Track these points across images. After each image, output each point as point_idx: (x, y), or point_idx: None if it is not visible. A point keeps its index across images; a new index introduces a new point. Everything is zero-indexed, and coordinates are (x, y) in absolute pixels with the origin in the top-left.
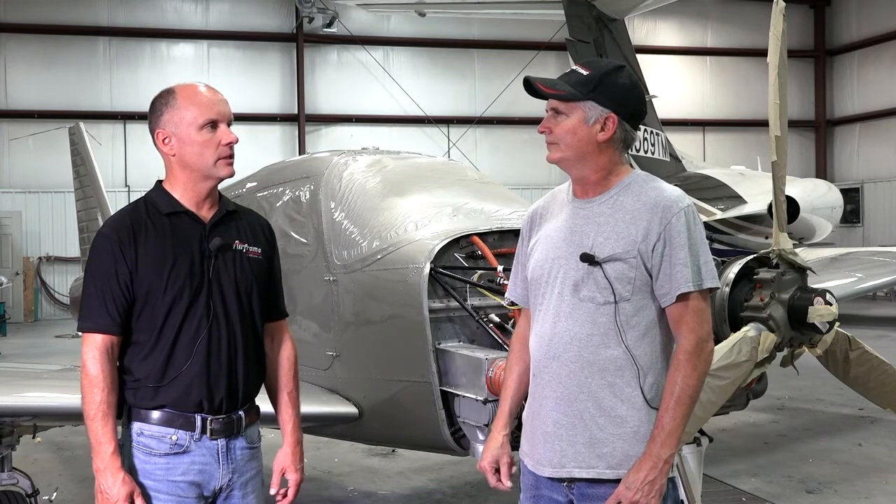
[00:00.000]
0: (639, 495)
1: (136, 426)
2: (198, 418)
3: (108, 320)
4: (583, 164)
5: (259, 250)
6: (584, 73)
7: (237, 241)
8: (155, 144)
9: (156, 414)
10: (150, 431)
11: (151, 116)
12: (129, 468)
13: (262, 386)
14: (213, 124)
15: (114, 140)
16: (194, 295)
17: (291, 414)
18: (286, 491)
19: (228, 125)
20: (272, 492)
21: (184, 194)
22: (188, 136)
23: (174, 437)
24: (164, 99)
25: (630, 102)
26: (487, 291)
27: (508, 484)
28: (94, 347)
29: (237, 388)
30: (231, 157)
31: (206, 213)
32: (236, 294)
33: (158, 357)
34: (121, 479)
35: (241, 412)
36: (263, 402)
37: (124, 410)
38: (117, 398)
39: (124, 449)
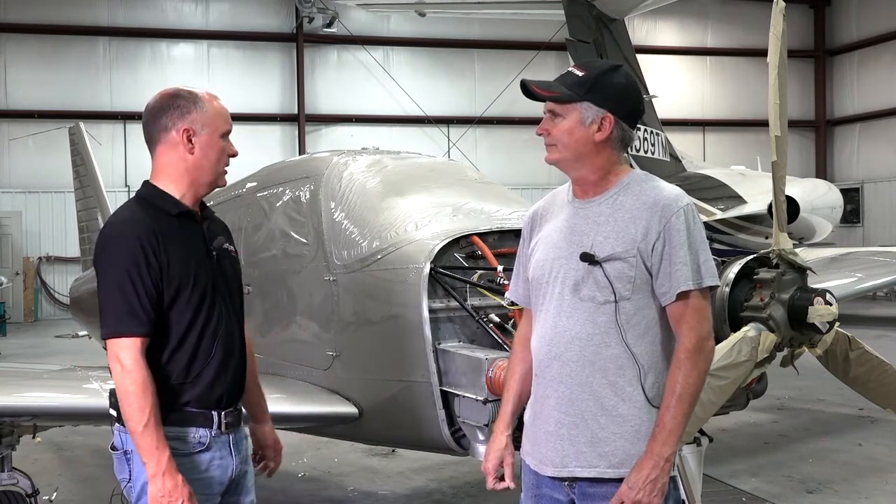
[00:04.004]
0: (641, 494)
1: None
2: (214, 414)
3: (145, 322)
4: (581, 165)
5: (234, 249)
6: (580, 74)
7: (226, 242)
8: (164, 141)
9: (178, 414)
10: (174, 432)
11: (173, 112)
12: None
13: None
14: (227, 135)
15: (114, 140)
16: (212, 293)
17: (261, 394)
18: (266, 464)
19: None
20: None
21: (186, 196)
22: (212, 141)
23: (197, 436)
24: (190, 98)
25: (626, 102)
26: (487, 291)
27: (512, 486)
28: (134, 351)
29: (242, 380)
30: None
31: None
32: (230, 291)
33: (184, 356)
34: (181, 481)
35: (239, 404)
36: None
37: None
38: None
39: None
